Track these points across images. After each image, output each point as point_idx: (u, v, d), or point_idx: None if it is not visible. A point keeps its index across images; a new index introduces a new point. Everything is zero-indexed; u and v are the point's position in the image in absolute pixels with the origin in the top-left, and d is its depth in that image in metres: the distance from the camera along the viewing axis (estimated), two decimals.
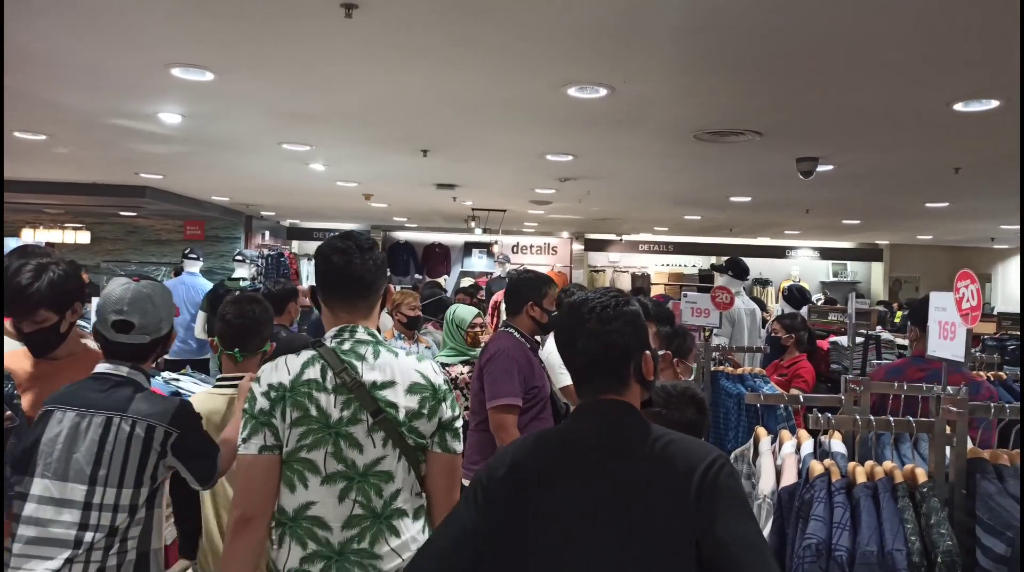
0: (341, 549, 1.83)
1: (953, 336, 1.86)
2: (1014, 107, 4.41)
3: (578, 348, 1.52)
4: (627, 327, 1.52)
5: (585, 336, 1.51)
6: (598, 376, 1.52)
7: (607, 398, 1.51)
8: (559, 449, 1.50)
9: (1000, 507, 1.72)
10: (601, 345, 1.50)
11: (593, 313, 1.51)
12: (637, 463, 1.43)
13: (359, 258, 1.95)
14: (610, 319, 1.51)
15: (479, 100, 4.72)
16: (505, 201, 10.32)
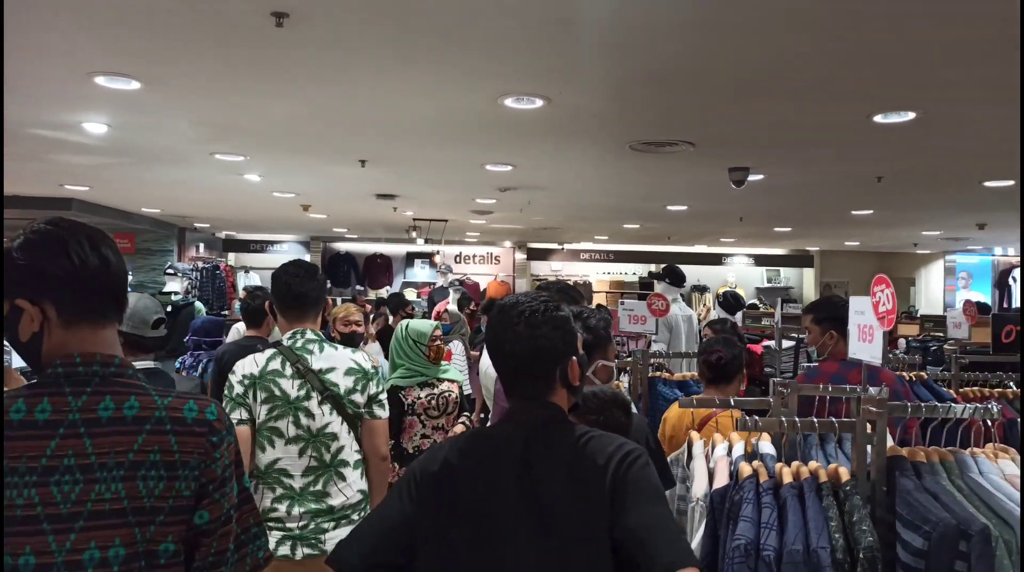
0: (301, 491, 2.53)
1: (871, 338, 1.94)
2: (931, 119, 4.64)
3: (506, 351, 1.53)
4: (555, 332, 1.52)
5: (513, 339, 1.51)
6: (525, 380, 1.53)
7: (535, 401, 1.53)
8: (488, 449, 1.51)
9: (918, 503, 1.79)
10: (529, 349, 1.50)
11: (522, 317, 1.51)
12: (560, 461, 1.45)
13: (308, 281, 2.73)
14: (539, 324, 1.51)
15: (416, 111, 4.71)
16: (446, 211, 10.31)
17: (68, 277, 1.27)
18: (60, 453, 1.21)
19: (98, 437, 1.23)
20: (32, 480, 1.19)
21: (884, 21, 3.13)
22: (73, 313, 1.28)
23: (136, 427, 1.25)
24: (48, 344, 1.27)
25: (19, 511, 1.17)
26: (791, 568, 1.67)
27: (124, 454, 1.23)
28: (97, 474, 1.21)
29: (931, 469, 1.88)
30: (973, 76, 3.83)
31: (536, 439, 1.49)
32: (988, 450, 1.92)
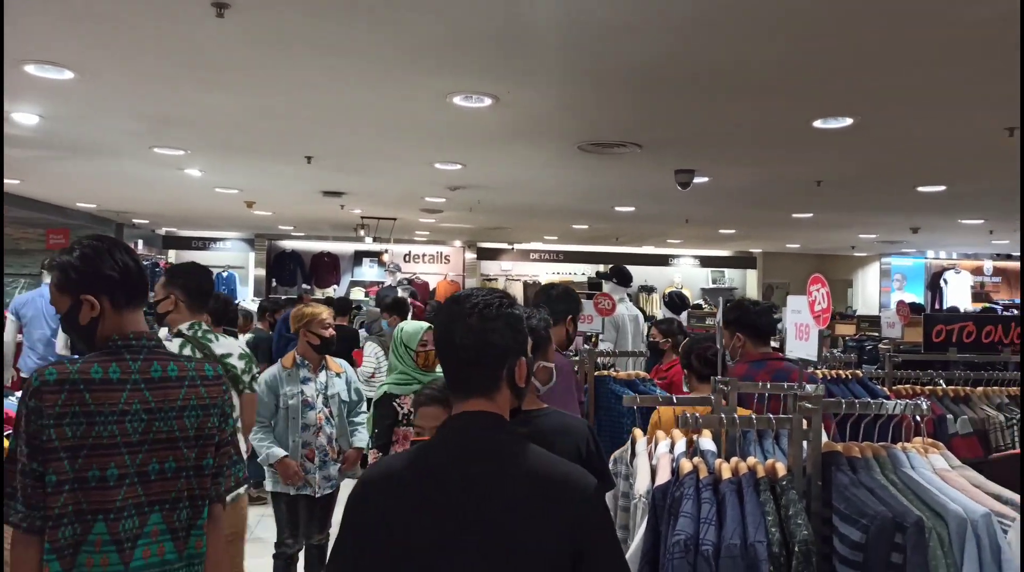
0: None
1: (807, 337, 1.98)
2: (867, 124, 4.79)
3: (455, 343, 1.48)
4: (507, 329, 1.48)
5: (464, 332, 1.47)
6: (471, 375, 1.48)
7: (475, 411, 1.48)
8: (423, 467, 1.45)
9: (855, 497, 1.84)
10: (479, 343, 1.46)
11: (475, 309, 1.47)
12: (502, 483, 1.40)
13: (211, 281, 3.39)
14: (492, 318, 1.48)
15: (363, 107, 4.65)
16: (395, 209, 10.21)
17: (117, 277, 1.89)
18: (130, 401, 1.83)
19: (154, 390, 1.86)
20: (113, 419, 1.80)
21: (822, 27, 3.21)
22: (122, 303, 1.90)
23: (178, 383, 1.90)
24: (103, 327, 1.89)
25: (105, 440, 1.79)
26: (729, 562, 1.69)
27: (173, 401, 1.89)
28: (156, 415, 1.86)
29: (866, 464, 1.93)
30: (906, 84, 3.96)
31: (478, 455, 1.44)
32: (918, 445, 1.98)
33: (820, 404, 1.92)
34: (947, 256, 16.84)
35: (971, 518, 1.68)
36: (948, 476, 1.87)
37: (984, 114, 4.53)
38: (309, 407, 3.88)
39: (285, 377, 3.89)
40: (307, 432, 3.86)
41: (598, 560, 1.36)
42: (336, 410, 3.97)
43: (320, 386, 3.94)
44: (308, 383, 3.91)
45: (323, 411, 3.91)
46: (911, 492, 1.82)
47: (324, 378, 3.97)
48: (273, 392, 3.85)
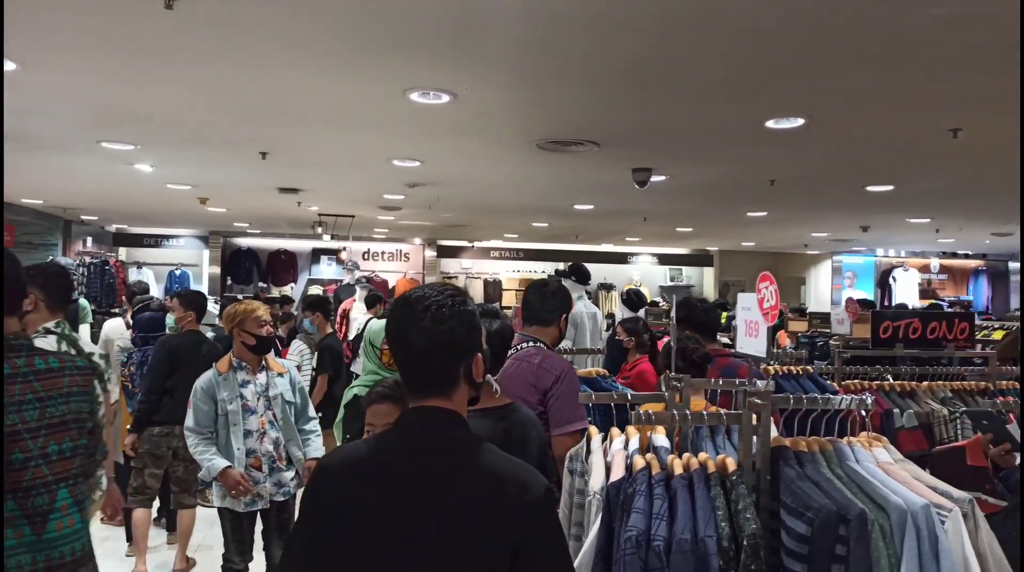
0: None
1: (757, 333, 2.01)
2: (818, 125, 4.89)
3: (410, 345, 1.46)
4: (462, 327, 1.47)
5: (418, 334, 1.45)
6: (428, 375, 1.47)
7: (432, 406, 1.47)
8: (374, 463, 1.45)
9: (801, 490, 1.88)
10: (434, 343, 1.45)
11: (429, 310, 1.46)
12: (455, 480, 1.40)
13: None
14: (446, 318, 1.46)
15: (319, 102, 4.59)
16: (353, 207, 10.11)
17: None
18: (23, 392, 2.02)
19: (42, 380, 2.06)
20: (12, 409, 1.98)
21: (774, 29, 3.26)
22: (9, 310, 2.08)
23: (60, 373, 2.12)
24: None
25: (7, 428, 1.96)
26: (680, 557, 1.71)
27: (60, 389, 2.10)
28: (47, 402, 2.06)
29: (812, 458, 1.97)
30: (855, 86, 4.06)
31: (431, 452, 1.43)
32: (863, 439, 2.03)
33: (769, 400, 1.96)
34: (896, 254, 17.32)
35: (911, 510, 1.73)
36: (891, 469, 1.92)
37: (930, 116, 4.66)
38: (250, 412, 3.65)
39: (221, 382, 3.65)
40: (251, 438, 3.64)
41: (535, 558, 1.37)
42: (280, 412, 3.73)
43: (260, 388, 3.70)
44: (247, 386, 3.68)
45: (266, 415, 3.68)
46: (855, 485, 1.86)
47: (264, 379, 3.72)
48: (210, 398, 3.63)
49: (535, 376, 2.94)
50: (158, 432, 4.55)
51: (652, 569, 1.74)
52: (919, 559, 1.70)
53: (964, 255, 17.35)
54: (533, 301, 3.22)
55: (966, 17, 3.09)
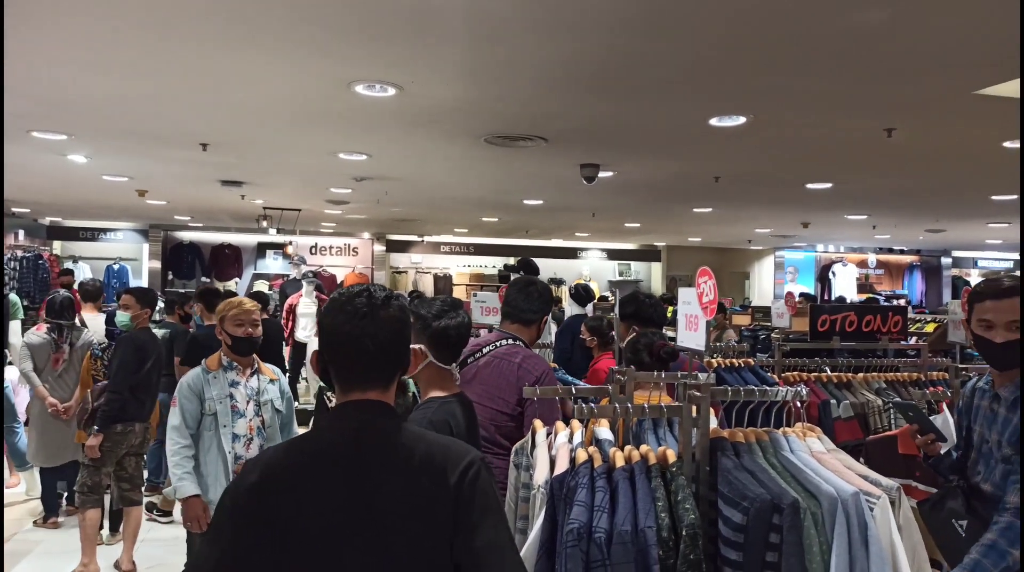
0: None
1: (696, 327, 2.05)
2: (760, 123, 5.00)
3: (342, 341, 1.47)
4: (397, 324, 1.49)
5: (350, 330, 1.46)
6: (361, 370, 1.47)
7: (364, 399, 1.47)
8: (312, 456, 1.44)
9: (737, 480, 1.92)
10: (367, 340, 1.46)
11: (362, 308, 1.47)
12: (393, 469, 1.41)
13: None
14: (382, 318, 1.48)
15: (261, 93, 4.49)
16: (299, 200, 9.94)
17: None
18: None
19: None
20: None
21: (718, 28, 3.32)
22: None
23: None
24: None
25: None
26: (620, 548, 1.73)
27: None
28: None
29: (749, 449, 2.01)
30: (795, 85, 4.16)
31: (365, 444, 1.43)
32: (798, 429, 2.09)
33: (708, 392, 1.99)
34: (835, 250, 17.85)
35: (842, 498, 1.78)
36: (823, 458, 1.97)
37: (865, 116, 4.81)
38: (238, 414, 3.44)
39: (210, 380, 3.44)
40: (238, 443, 3.41)
41: (475, 525, 1.37)
42: (270, 419, 3.52)
43: (251, 392, 3.50)
44: (237, 388, 3.48)
45: (255, 420, 3.47)
46: (789, 474, 1.91)
47: (256, 383, 3.53)
48: (196, 396, 3.40)
49: (515, 376, 2.93)
50: (120, 429, 4.45)
51: (593, 561, 1.76)
52: (849, 545, 1.76)
53: (899, 251, 17.99)
54: (518, 299, 3.19)
55: (898, 22, 3.19)
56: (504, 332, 3.14)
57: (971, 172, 6.91)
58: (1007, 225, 11.73)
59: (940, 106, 4.52)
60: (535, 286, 3.21)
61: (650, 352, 3.22)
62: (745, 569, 1.82)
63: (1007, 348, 2.23)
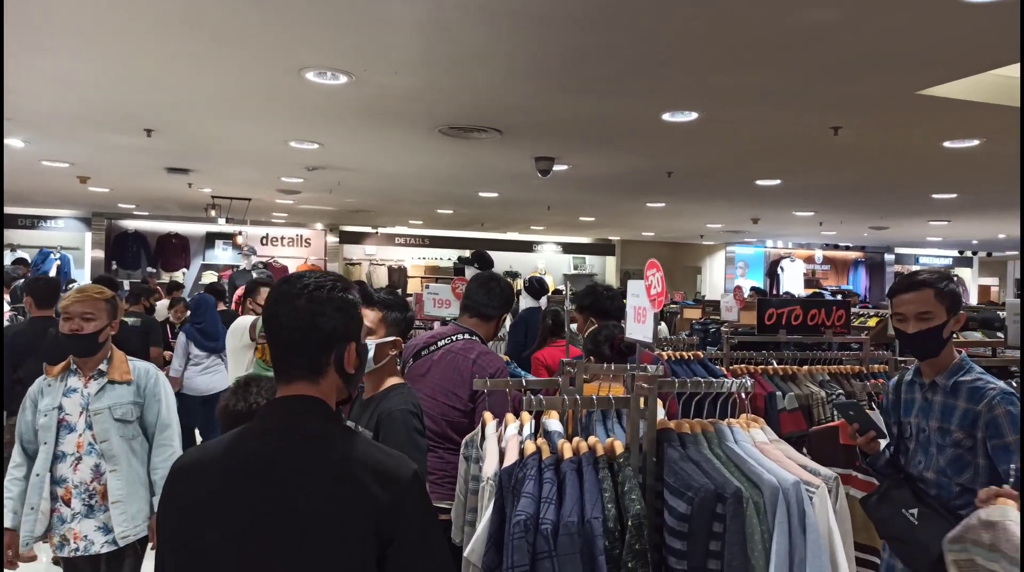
0: None
1: (644, 319, 2.07)
2: (711, 119, 5.06)
3: (282, 324, 1.42)
4: (338, 314, 1.43)
5: (291, 313, 1.41)
6: (296, 357, 1.42)
7: (297, 395, 1.42)
8: (237, 458, 1.38)
9: (683, 471, 1.94)
10: (305, 326, 1.41)
11: (305, 290, 1.42)
12: (321, 476, 1.34)
13: None
14: (322, 301, 1.42)
15: (207, 78, 4.37)
16: (249, 189, 9.73)
17: None
18: None
19: None
20: None
21: (670, 23, 3.34)
22: None
23: None
24: None
25: None
26: (567, 539, 1.74)
27: None
28: None
29: (694, 440, 2.04)
30: (745, 83, 4.22)
31: (292, 445, 1.37)
32: (742, 420, 2.12)
33: (655, 384, 2.01)
34: (784, 245, 18.25)
35: (783, 487, 1.82)
36: (766, 448, 2.01)
37: (813, 114, 4.92)
38: (67, 428, 2.86)
39: (45, 388, 2.93)
40: (63, 463, 2.84)
41: (403, 547, 1.33)
42: (103, 432, 2.87)
43: (84, 400, 2.89)
44: (71, 396, 2.89)
45: (85, 434, 2.86)
46: (733, 464, 1.95)
47: (94, 388, 2.90)
48: (34, 405, 2.91)
49: (470, 372, 2.91)
50: None
51: (540, 552, 1.76)
52: (789, 533, 1.80)
53: (845, 247, 18.49)
54: (479, 294, 3.17)
55: (843, 22, 3.26)
56: (461, 326, 3.12)
57: (913, 171, 7.13)
58: (947, 223, 12.15)
59: (884, 105, 4.64)
60: (497, 282, 3.20)
61: (611, 345, 3.25)
62: (689, 558, 1.84)
63: (918, 338, 2.39)
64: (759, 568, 1.79)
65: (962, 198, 9.03)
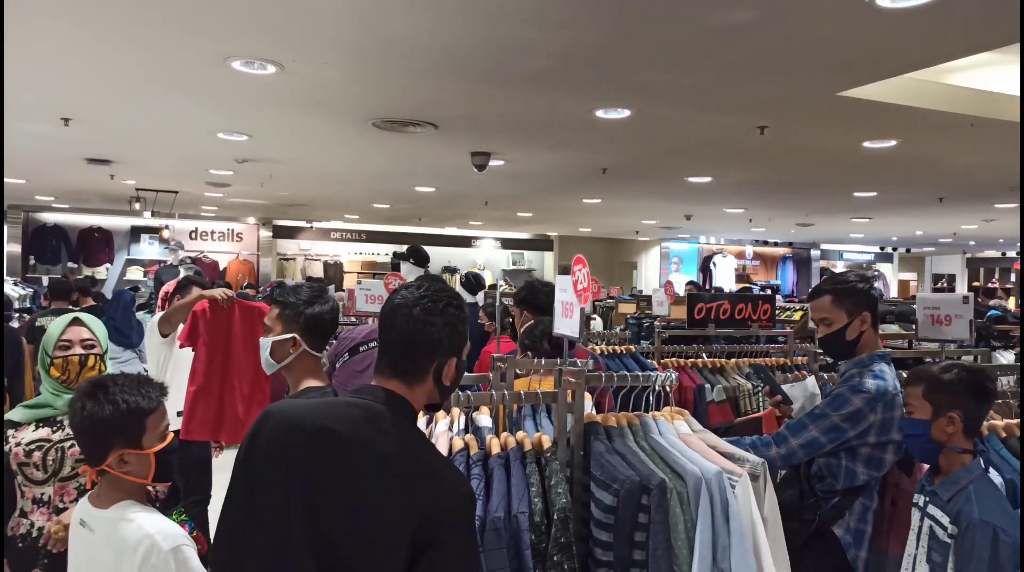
0: None
1: (572, 315, 2.08)
2: (643, 116, 5.14)
3: (396, 326, 1.54)
4: (445, 327, 1.55)
5: (405, 318, 1.54)
6: (401, 358, 1.53)
7: (388, 389, 1.51)
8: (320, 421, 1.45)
9: (609, 464, 1.97)
10: (414, 332, 1.53)
11: (422, 301, 1.55)
12: (387, 461, 1.42)
13: None
14: (435, 313, 1.54)
15: (127, 65, 4.20)
16: (176, 182, 9.40)
17: None
18: None
19: None
20: None
21: (602, 20, 3.37)
22: None
23: None
24: None
25: None
26: (492, 534, 1.74)
27: None
28: None
29: (620, 433, 2.07)
30: (674, 81, 4.30)
31: (373, 431, 1.44)
32: (666, 413, 2.16)
33: (582, 378, 2.03)
34: (716, 241, 18.71)
35: (706, 477, 1.86)
36: (689, 440, 2.05)
37: (740, 113, 5.04)
38: None
39: None
40: None
41: (438, 555, 1.38)
42: None
43: None
44: None
45: None
46: (658, 456, 1.98)
47: None
48: None
49: None
50: None
51: None
52: (712, 522, 1.84)
53: (774, 243, 19.07)
54: None
55: (765, 23, 3.35)
56: None
57: (835, 170, 7.40)
58: (868, 220, 12.66)
59: (806, 106, 4.80)
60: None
61: (549, 340, 3.26)
62: (615, 549, 1.87)
63: (824, 342, 2.60)
64: (683, 557, 1.83)
65: (881, 196, 9.42)
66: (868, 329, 2.54)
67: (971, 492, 1.96)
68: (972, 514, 1.92)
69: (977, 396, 2.09)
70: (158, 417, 1.94)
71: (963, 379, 2.08)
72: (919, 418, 2.10)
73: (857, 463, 2.42)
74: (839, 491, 2.46)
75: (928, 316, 3.15)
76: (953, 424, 2.07)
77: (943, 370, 2.13)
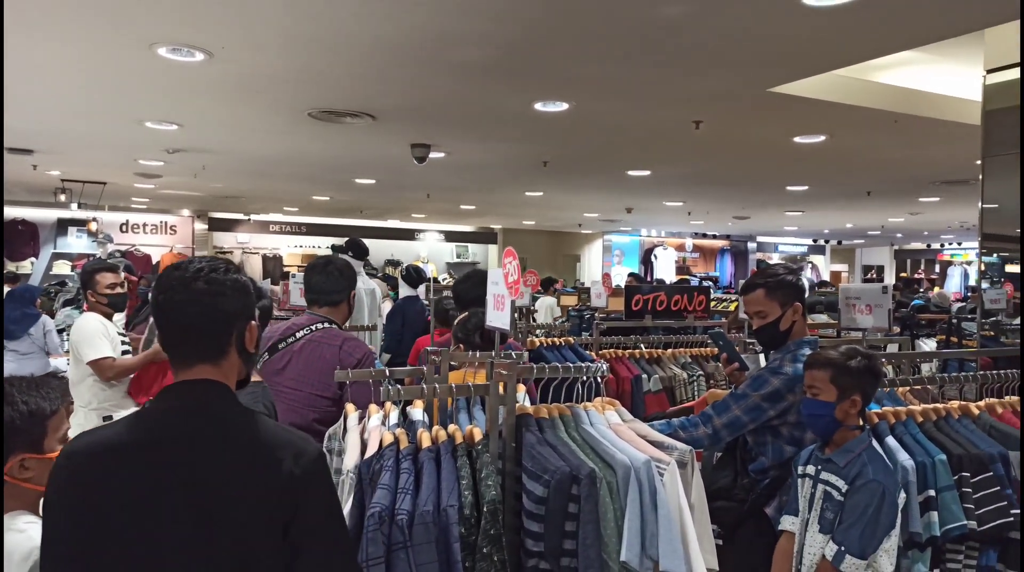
0: None
1: (503, 307, 2.08)
2: (582, 110, 5.16)
3: (179, 309, 1.42)
4: (236, 294, 1.46)
5: (188, 297, 1.41)
6: (196, 340, 1.43)
7: (198, 379, 1.42)
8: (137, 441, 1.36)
9: (540, 455, 1.97)
10: (208, 308, 1.42)
11: (201, 274, 1.43)
12: (227, 451, 1.37)
13: None
14: (220, 282, 1.44)
15: (46, 51, 4.01)
16: (103, 172, 9.05)
17: None
18: None
19: None
20: None
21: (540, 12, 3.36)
22: None
23: None
24: None
25: None
26: (422, 529, 1.73)
27: None
28: None
29: (552, 424, 2.08)
30: (612, 75, 4.33)
31: (194, 427, 1.37)
32: (597, 403, 2.18)
33: (514, 370, 2.03)
34: (657, 234, 19.01)
35: (635, 466, 1.88)
36: (620, 429, 2.08)
37: (676, 108, 5.12)
38: None
39: None
40: None
41: (308, 517, 1.36)
42: None
43: None
44: None
45: None
46: (588, 446, 2.00)
47: None
48: None
49: (337, 358, 2.88)
50: None
51: (395, 543, 1.74)
52: (640, 510, 1.86)
53: (712, 236, 19.48)
54: (319, 281, 3.10)
55: (696, 17, 3.40)
56: (316, 315, 3.05)
57: (768, 165, 7.59)
58: (801, 213, 13.04)
59: (738, 101, 4.90)
60: (333, 265, 3.15)
61: (481, 333, 3.25)
62: (546, 539, 1.88)
63: (758, 333, 2.68)
64: (612, 545, 1.85)
65: (813, 190, 9.71)
66: (799, 318, 2.63)
67: (865, 458, 2.19)
68: (868, 474, 2.15)
69: (875, 380, 2.30)
70: (59, 420, 1.85)
71: (866, 366, 2.26)
72: (824, 400, 2.25)
73: (780, 441, 2.54)
74: (769, 470, 2.54)
75: (850, 305, 3.26)
76: (855, 406, 2.25)
77: (847, 357, 2.27)
